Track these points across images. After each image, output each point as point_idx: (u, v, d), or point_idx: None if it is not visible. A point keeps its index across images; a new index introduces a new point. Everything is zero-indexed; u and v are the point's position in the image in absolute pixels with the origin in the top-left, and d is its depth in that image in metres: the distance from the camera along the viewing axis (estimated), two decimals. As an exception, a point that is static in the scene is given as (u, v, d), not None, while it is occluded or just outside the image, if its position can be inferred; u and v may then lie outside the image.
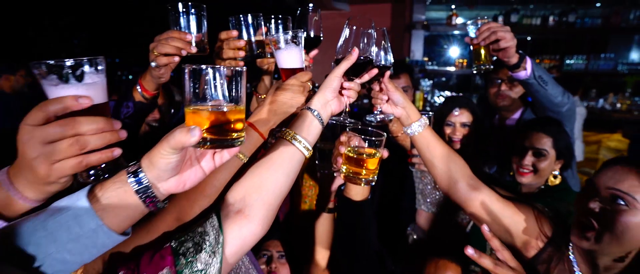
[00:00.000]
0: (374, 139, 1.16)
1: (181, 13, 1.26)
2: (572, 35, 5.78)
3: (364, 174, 1.17)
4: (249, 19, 1.35)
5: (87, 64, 0.74)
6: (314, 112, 1.00)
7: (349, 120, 1.21)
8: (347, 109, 1.17)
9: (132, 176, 0.70)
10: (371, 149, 1.17)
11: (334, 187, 1.43)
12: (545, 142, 1.72)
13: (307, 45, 1.36)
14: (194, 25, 1.29)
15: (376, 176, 1.20)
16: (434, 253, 1.52)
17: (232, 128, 0.73)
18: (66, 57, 0.72)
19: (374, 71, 1.20)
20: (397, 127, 1.92)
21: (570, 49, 5.96)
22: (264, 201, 0.89)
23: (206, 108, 0.71)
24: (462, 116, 2.00)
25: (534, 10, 5.61)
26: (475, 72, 1.78)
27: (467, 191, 1.32)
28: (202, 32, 1.32)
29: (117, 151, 0.77)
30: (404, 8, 5.79)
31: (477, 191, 1.31)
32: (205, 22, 1.32)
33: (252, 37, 1.37)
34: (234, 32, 1.34)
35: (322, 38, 1.45)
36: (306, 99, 1.12)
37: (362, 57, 1.10)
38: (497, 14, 5.71)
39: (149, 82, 1.40)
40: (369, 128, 1.19)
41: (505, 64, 1.73)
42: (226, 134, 0.73)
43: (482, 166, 2.17)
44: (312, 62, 1.46)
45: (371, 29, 1.11)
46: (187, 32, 1.26)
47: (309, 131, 0.98)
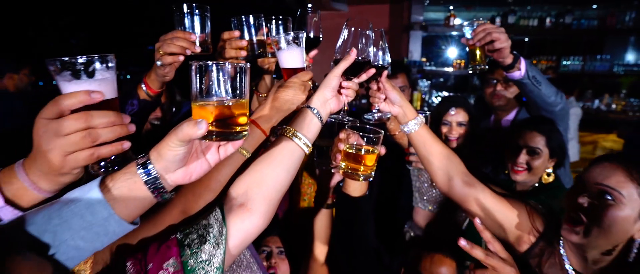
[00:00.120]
0: (371, 136, 1.19)
1: (186, 14, 1.30)
2: (568, 36, 5.82)
3: (362, 170, 1.21)
4: (251, 20, 1.38)
5: (98, 61, 0.78)
6: (313, 110, 1.03)
7: (348, 118, 1.24)
8: (346, 108, 1.19)
9: (141, 167, 0.73)
10: (369, 146, 1.20)
11: (333, 184, 1.46)
12: (538, 141, 1.76)
13: (306, 45, 1.39)
14: (198, 26, 1.33)
15: (374, 172, 1.23)
16: (429, 248, 1.55)
17: (236, 122, 0.77)
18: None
19: (372, 70, 1.23)
20: (395, 125, 1.95)
21: (566, 50, 6.00)
22: (265, 195, 0.92)
23: (212, 103, 0.75)
24: (458, 115, 2.05)
25: (531, 12, 5.66)
26: (471, 72, 1.82)
27: (462, 188, 1.35)
28: (206, 32, 1.35)
29: (127, 144, 0.81)
30: (402, 9, 5.82)
31: (471, 188, 1.34)
32: (208, 23, 1.36)
33: (254, 37, 1.40)
34: (236, 33, 1.37)
35: (321, 38, 1.49)
36: (306, 98, 1.15)
37: (360, 58, 1.13)
38: (495, 15, 5.75)
39: (153, 80, 1.43)
40: (367, 126, 1.22)
41: (500, 65, 1.77)
42: (231, 128, 0.77)
43: (479, 166, 2.20)
44: (312, 61, 1.49)
45: (369, 30, 1.14)
46: (192, 33, 1.30)
47: (309, 128, 1.01)
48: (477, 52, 1.75)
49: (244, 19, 1.38)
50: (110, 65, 0.80)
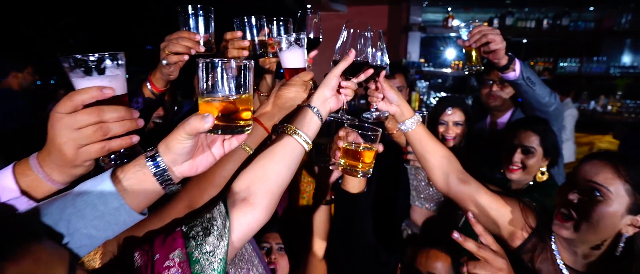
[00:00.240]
0: (370, 134, 1.22)
1: (190, 15, 1.34)
2: (565, 38, 5.86)
3: (360, 166, 1.24)
4: (253, 21, 1.42)
5: (108, 58, 0.82)
6: (313, 109, 1.07)
7: (347, 116, 1.27)
8: (345, 107, 1.23)
9: (150, 159, 0.77)
10: (367, 143, 1.24)
11: (331, 180, 1.49)
12: (533, 140, 1.80)
13: (307, 46, 1.43)
14: (202, 26, 1.36)
15: (371, 169, 1.27)
16: (425, 244, 1.59)
17: (241, 116, 0.81)
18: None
19: (370, 70, 1.25)
20: (393, 124, 1.98)
21: (563, 52, 6.04)
22: (267, 190, 0.95)
23: (218, 98, 0.79)
24: (454, 115, 2.09)
25: (529, 14, 5.71)
26: (467, 72, 1.86)
27: (457, 185, 1.38)
28: (210, 32, 1.39)
29: (136, 138, 0.85)
30: (400, 10, 5.85)
31: (467, 185, 1.38)
32: (212, 24, 1.39)
33: (255, 38, 1.44)
34: (239, 33, 1.41)
35: (321, 39, 1.52)
36: (307, 97, 1.19)
37: (359, 58, 1.17)
38: (493, 17, 5.79)
39: (158, 79, 1.47)
40: (366, 124, 1.26)
41: (495, 66, 1.81)
42: (235, 122, 0.81)
43: (475, 165, 2.24)
44: (312, 62, 1.52)
45: (367, 32, 1.18)
46: (196, 33, 1.34)
47: (309, 126, 1.04)
48: (473, 54, 1.79)
49: (246, 20, 1.42)
50: (120, 62, 0.84)
